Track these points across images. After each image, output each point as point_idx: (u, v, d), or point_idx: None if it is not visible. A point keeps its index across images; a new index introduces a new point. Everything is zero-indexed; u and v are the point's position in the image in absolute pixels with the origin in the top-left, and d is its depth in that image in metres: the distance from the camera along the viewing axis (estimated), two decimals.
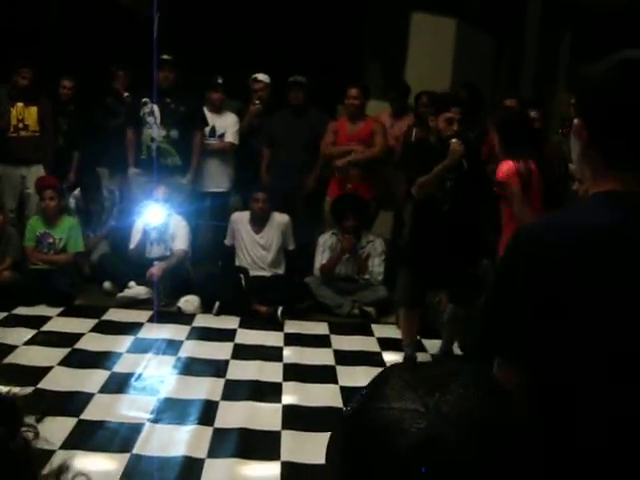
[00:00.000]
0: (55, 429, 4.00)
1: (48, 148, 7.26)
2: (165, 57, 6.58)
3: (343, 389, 4.87)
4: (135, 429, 4.13)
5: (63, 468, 0.80)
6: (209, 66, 7.38)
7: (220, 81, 7.26)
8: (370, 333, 6.09)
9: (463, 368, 0.90)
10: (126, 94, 7.43)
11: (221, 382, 4.91)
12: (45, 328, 5.79)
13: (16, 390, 0.83)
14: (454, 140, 4.78)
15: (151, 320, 6.11)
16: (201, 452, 3.91)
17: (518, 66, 8.84)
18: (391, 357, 5.46)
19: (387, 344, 5.78)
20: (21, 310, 6.11)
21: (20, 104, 7.04)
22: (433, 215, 4.93)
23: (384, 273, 6.63)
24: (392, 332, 5.98)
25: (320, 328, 6.15)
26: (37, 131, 7.11)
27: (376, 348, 5.74)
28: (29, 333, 5.60)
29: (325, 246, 6.74)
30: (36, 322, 5.85)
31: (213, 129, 7.29)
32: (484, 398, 0.83)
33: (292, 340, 5.84)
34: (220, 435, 4.12)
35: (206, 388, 4.78)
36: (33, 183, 6.95)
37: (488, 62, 8.83)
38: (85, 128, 7.53)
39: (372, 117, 7.04)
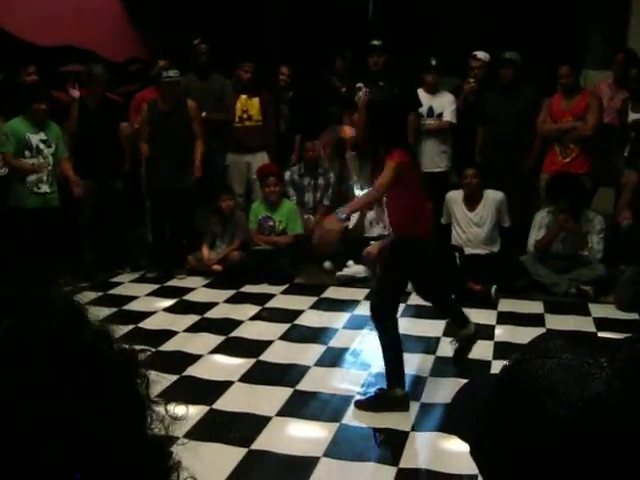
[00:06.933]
0: (273, 398, 4.36)
1: (271, 136, 7.70)
2: (374, 42, 6.75)
3: None
4: (346, 400, 4.35)
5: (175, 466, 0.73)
6: (423, 46, 7.41)
7: (434, 63, 7.29)
8: (587, 313, 5.91)
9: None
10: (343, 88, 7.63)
11: (431, 359, 5.01)
12: (268, 305, 6.19)
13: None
14: None
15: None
16: (406, 425, 4.04)
17: None
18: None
19: (604, 324, 5.58)
20: (247, 288, 6.58)
21: (244, 96, 7.54)
22: None
23: (603, 251, 6.38)
24: (610, 312, 5.78)
25: (535, 307, 6.05)
26: (260, 120, 7.57)
27: (592, 328, 5.56)
28: (254, 309, 6.02)
29: (542, 223, 6.59)
30: (260, 299, 6.28)
31: (431, 109, 7.34)
32: None
33: (505, 319, 5.81)
34: (426, 410, 4.23)
35: (416, 364, 4.89)
36: None
37: None
38: (305, 113, 7.86)
39: (588, 90, 6.77)
